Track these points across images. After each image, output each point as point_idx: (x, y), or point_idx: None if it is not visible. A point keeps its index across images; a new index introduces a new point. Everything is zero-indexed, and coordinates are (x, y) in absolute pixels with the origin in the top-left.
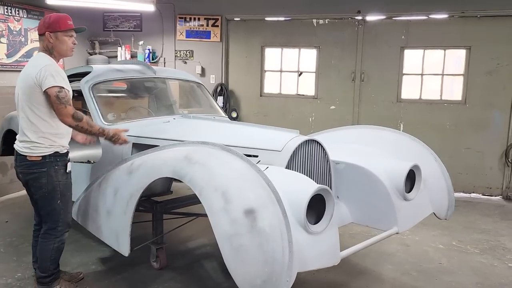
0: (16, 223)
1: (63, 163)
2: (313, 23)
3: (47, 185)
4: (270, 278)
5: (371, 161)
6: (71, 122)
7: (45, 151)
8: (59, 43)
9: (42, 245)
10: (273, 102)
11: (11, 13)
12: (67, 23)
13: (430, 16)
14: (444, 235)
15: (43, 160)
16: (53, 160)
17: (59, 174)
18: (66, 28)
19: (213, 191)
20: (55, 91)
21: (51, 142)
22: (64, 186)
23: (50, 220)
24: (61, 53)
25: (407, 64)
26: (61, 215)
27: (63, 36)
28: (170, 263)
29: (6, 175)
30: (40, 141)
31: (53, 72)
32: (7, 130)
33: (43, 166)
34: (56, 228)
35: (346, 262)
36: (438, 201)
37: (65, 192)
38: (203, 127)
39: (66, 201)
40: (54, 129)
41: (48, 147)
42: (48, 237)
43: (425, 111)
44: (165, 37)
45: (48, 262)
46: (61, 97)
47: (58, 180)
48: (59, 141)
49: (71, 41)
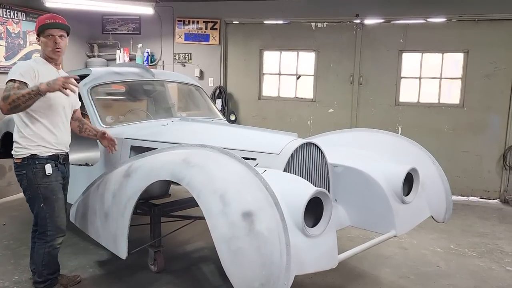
0: (14, 226)
1: (41, 166)
2: (312, 26)
3: (28, 188)
4: (268, 281)
5: (369, 164)
6: (3, 106)
7: (24, 153)
8: (43, 45)
9: (36, 249)
10: (271, 105)
11: (10, 15)
12: (43, 23)
13: (428, 20)
14: (442, 238)
15: (22, 163)
16: (31, 163)
17: (38, 177)
18: (42, 29)
19: (211, 194)
20: (5, 84)
21: (30, 143)
22: (45, 189)
23: (39, 224)
24: (49, 55)
25: (405, 68)
26: (47, 219)
27: (43, 38)
28: (168, 266)
29: (4, 177)
30: (21, 142)
31: (14, 69)
32: (5, 132)
33: (23, 168)
34: (45, 233)
35: (344, 265)
36: (436, 204)
37: (48, 195)
38: (201, 130)
39: (51, 204)
40: (30, 128)
41: (27, 147)
42: (39, 241)
43: (423, 115)
44: (164, 40)
45: (40, 266)
46: (6, 88)
47: (38, 184)
48: (39, 141)
49: (52, 41)
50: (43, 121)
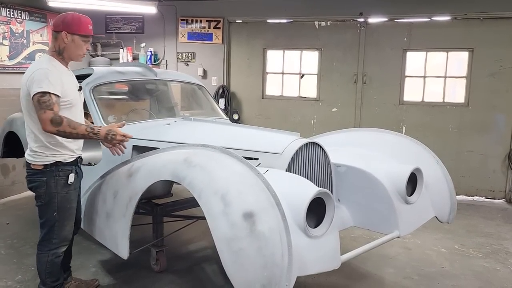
0: (17, 225)
1: (64, 174)
2: (315, 25)
3: (45, 196)
4: (270, 283)
5: (372, 164)
6: (50, 128)
7: (46, 160)
8: (73, 46)
9: (38, 256)
10: (274, 105)
11: (14, 15)
12: (87, 28)
13: (433, 18)
14: (446, 239)
15: (44, 169)
16: (54, 170)
17: (59, 185)
18: (86, 33)
19: (212, 194)
20: (38, 97)
21: (52, 152)
22: (62, 198)
23: (44, 231)
24: (72, 57)
25: (410, 67)
26: (55, 227)
27: (80, 40)
28: (170, 266)
29: (8, 177)
30: (40, 150)
31: (40, 77)
32: (8, 132)
33: (44, 175)
34: (49, 240)
35: (347, 265)
36: (440, 205)
37: (64, 205)
38: (204, 129)
39: (64, 214)
40: (54, 139)
41: (49, 156)
42: (42, 248)
43: (428, 114)
44: (167, 39)
45: (44, 274)
46: (42, 101)
47: (57, 192)
48: (63, 150)
49: (86, 46)
50: None
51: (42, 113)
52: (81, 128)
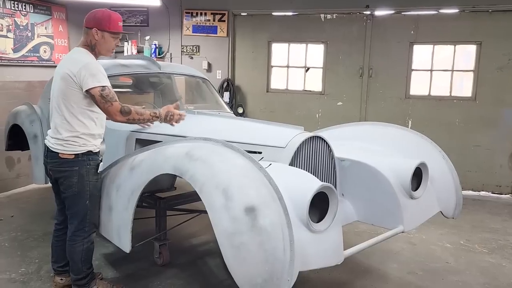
0: (22, 218)
1: (95, 163)
2: (321, 18)
3: (77, 184)
4: (271, 277)
5: (376, 158)
6: (121, 118)
7: (79, 150)
8: (103, 42)
9: (71, 248)
10: (279, 98)
11: (18, 8)
12: (117, 25)
13: (440, 11)
14: (451, 234)
15: (75, 159)
16: (85, 159)
17: (90, 174)
18: (116, 30)
19: (213, 188)
20: (99, 91)
21: (85, 142)
22: (94, 186)
23: (77, 221)
24: (102, 52)
25: (416, 60)
26: (87, 215)
27: (109, 37)
28: (173, 259)
29: (13, 169)
30: (74, 140)
31: (94, 71)
32: (12, 125)
33: (75, 164)
34: (83, 229)
35: (351, 260)
36: (446, 200)
37: (94, 193)
38: (207, 123)
39: (95, 201)
40: (89, 130)
41: (82, 145)
42: (76, 239)
43: (434, 108)
44: (171, 32)
45: (79, 263)
46: (105, 95)
47: (89, 180)
48: (93, 141)
49: (116, 42)
50: (97, 121)
51: (109, 105)
52: (146, 114)
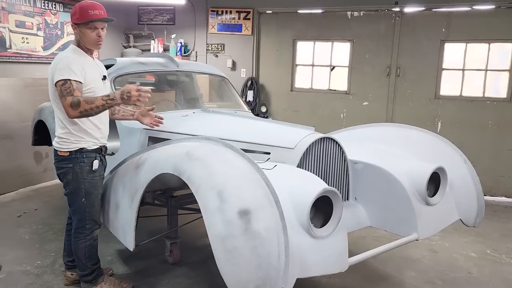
0: (45, 211)
1: (89, 160)
2: (348, 15)
3: (72, 182)
4: (264, 284)
5: (391, 161)
6: (73, 113)
7: (71, 147)
8: (83, 35)
9: (75, 244)
10: (303, 97)
11: (48, 6)
12: (87, 14)
13: (474, 7)
14: (477, 243)
15: (69, 156)
16: (78, 157)
17: (84, 171)
18: (85, 19)
19: (209, 190)
20: (59, 85)
21: (77, 138)
22: (89, 184)
23: (76, 218)
24: (87, 46)
25: (447, 59)
26: (86, 213)
27: (85, 29)
28: (184, 258)
29: (40, 164)
30: (66, 137)
31: (62, 65)
32: (38, 120)
33: (70, 162)
34: (84, 227)
35: (366, 266)
36: (466, 207)
37: (91, 191)
38: (219, 122)
39: (92, 199)
40: (78, 125)
41: (74, 142)
42: (78, 236)
43: (466, 109)
44: (197, 31)
45: (84, 260)
46: (63, 89)
47: (83, 178)
48: (87, 137)
49: (95, 33)
50: (90, 117)
51: (64, 100)
52: (98, 100)
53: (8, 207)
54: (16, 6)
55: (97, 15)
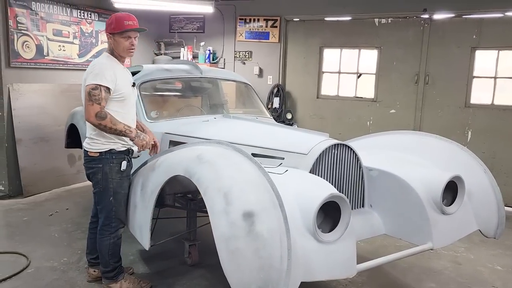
0: (75, 211)
1: (118, 161)
2: (375, 22)
3: (101, 181)
4: (266, 285)
5: (406, 169)
6: (94, 120)
7: (102, 148)
8: (117, 44)
9: (100, 241)
10: (330, 105)
11: (84, 16)
12: (122, 25)
13: (507, 14)
14: (505, 256)
15: (100, 156)
16: (108, 157)
17: (113, 171)
18: (121, 29)
19: (216, 192)
20: (90, 88)
21: (107, 139)
22: (117, 184)
23: (104, 216)
24: (120, 54)
25: (478, 66)
26: (113, 212)
27: (119, 38)
28: (202, 260)
29: (73, 166)
30: (97, 138)
31: (96, 71)
32: (70, 124)
33: (100, 162)
34: (110, 225)
35: (385, 275)
36: (486, 218)
37: (118, 190)
38: (237, 127)
39: (119, 199)
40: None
41: (105, 143)
42: (103, 233)
43: (498, 118)
44: (225, 38)
45: (107, 256)
46: (92, 94)
47: (112, 178)
48: (116, 138)
49: (129, 42)
50: (121, 120)
51: (90, 104)
52: (120, 125)
53: (42, 206)
54: (54, 15)
55: (131, 25)
